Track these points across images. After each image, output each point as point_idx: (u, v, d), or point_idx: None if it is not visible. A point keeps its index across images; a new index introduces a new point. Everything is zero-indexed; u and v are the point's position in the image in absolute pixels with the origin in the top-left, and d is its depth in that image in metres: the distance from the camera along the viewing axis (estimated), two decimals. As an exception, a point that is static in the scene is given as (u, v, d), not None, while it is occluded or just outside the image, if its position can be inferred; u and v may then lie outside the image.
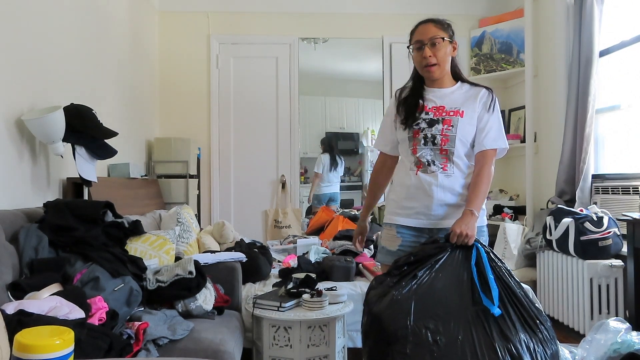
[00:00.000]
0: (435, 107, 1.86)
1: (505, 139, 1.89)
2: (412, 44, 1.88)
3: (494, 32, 4.58)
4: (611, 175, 3.35)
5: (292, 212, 4.76)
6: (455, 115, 1.83)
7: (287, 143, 4.78)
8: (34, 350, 1.06)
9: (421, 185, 1.83)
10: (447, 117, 1.83)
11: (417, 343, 1.49)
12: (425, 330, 1.50)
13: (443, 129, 1.82)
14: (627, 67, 3.30)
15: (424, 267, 1.63)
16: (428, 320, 1.52)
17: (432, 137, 1.83)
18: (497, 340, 1.47)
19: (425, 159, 1.84)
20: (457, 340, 1.48)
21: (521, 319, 1.55)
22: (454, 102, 1.86)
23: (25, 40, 2.28)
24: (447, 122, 1.83)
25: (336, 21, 4.76)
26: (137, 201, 3.33)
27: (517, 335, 1.49)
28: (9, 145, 2.14)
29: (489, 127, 1.84)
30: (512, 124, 4.62)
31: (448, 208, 1.83)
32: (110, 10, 3.38)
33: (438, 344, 1.48)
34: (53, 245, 1.87)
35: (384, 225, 1.97)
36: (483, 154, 1.84)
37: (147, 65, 4.32)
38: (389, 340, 1.54)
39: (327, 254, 3.28)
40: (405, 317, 1.54)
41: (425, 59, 1.84)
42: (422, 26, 1.87)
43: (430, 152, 1.83)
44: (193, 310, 2.07)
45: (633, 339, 1.99)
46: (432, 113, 1.85)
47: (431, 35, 1.83)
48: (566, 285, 3.13)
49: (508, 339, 1.48)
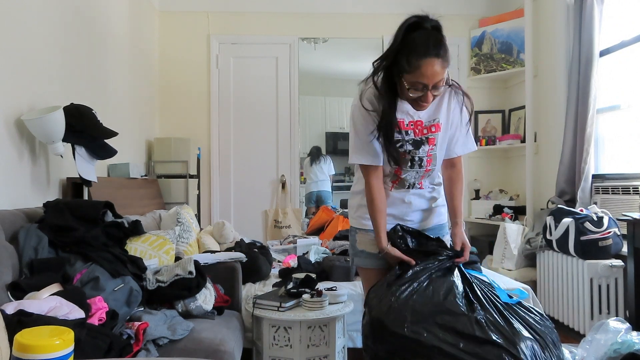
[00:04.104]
0: (413, 122, 1.73)
1: (473, 139, 1.87)
2: (411, 81, 1.58)
3: (494, 32, 4.58)
4: (611, 175, 3.35)
5: (292, 212, 4.76)
6: (436, 131, 1.75)
7: (287, 143, 4.78)
8: (34, 350, 1.06)
9: (396, 196, 1.83)
10: (430, 135, 1.75)
11: (418, 350, 1.48)
12: (427, 335, 1.49)
13: (428, 149, 1.77)
14: (627, 67, 3.30)
15: (423, 274, 1.64)
16: (428, 326, 1.51)
17: (420, 160, 1.77)
18: (500, 345, 1.46)
19: (409, 182, 1.81)
20: (458, 347, 1.47)
21: (522, 322, 1.54)
22: (428, 112, 1.74)
23: (25, 40, 2.28)
24: (431, 142, 1.76)
25: (336, 21, 4.76)
26: (137, 201, 3.33)
27: (520, 339, 1.48)
28: (9, 145, 2.14)
29: (459, 134, 1.82)
30: (512, 124, 4.63)
31: (423, 213, 1.87)
32: (110, 10, 3.38)
33: (441, 350, 1.46)
34: (53, 245, 1.87)
35: (358, 231, 1.87)
36: (455, 160, 1.85)
37: (147, 65, 4.32)
38: (389, 344, 1.54)
39: (327, 254, 3.28)
40: (403, 322, 1.53)
41: (424, 103, 1.64)
42: (429, 65, 1.54)
43: (416, 174, 1.80)
44: (193, 310, 2.07)
45: (633, 339, 1.99)
46: (412, 132, 1.74)
47: (437, 80, 1.58)
48: (566, 285, 3.13)
49: (511, 343, 1.46)
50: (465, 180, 5.11)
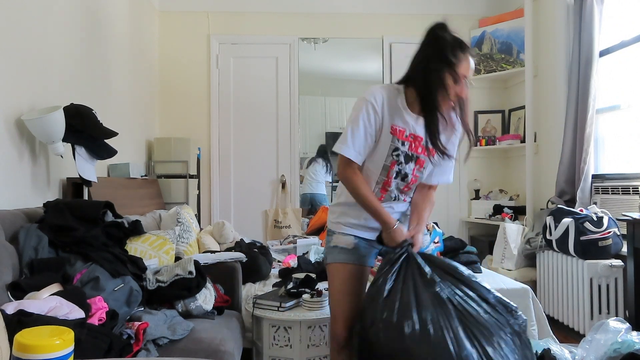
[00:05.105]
0: (413, 135, 1.75)
1: (452, 173, 1.93)
2: (458, 74, 1.66)
3: (494, 32, 4.58)
4: (611, 175, 3.35)
5: (292, 212, 4.76)
6: (429, 156, 1.77)
7: (287, 143, 4.78)
8: (34, 350, 1.06)
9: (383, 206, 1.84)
10: (421, 156, 1.77)
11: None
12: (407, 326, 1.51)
13: (415, 169, 1.79)
14: (627, 67, 3.30)
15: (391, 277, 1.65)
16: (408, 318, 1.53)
17: (404, 175, 1.79)
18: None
19: (393, 195, 1.82)
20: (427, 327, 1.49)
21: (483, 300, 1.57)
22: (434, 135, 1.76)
23: (25, 40, 2.28)
24: (419, 163, 1.78)
25: (336, 21, 4.77)
26: (137, 201, 3.33)
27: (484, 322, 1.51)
28: (9, 145, 2.14)
29: (446, 168, 1.88)
30: (512, 124, 4.63)
31: (401, 216, 1.93)
32: (110, 10, 3.39)
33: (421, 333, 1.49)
34: (53, 245, 1.87)
35: (335, 233, 1.86)
36: (432, 186, 1.91)
37: (147, 65, 4.32)
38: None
39: (327, 254, 3.27)
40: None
41: (463, 94, 1.70)
42: (469, 61, 1.69)
43: (396, 188, 1.81)
44: (193, 310, 2.07)
45: (634, 339, 1.99)
46: (408, 143, 1.75)
47: (470, 74, 1.72)
48: (566, 285, 3.13)
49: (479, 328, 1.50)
50: (465, 180, 5.10)
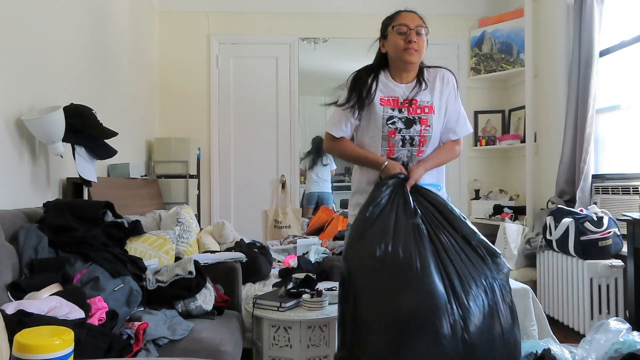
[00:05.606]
0: (408, 100, 1.85)
1: (468, 121, 1.98)
2: (395, 26, 1.86)
3: (494, 32, 4.58)
4: (611, 175, 3.35)
5: (292, 212, 4.76)
6: (429, 112, 1.85)
7: (287, 143, 4.78)
8: (34, 350, 1.06)
9: None
10: (423, 115, 1.84)
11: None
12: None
13: (421, 129, 1.84)
14: (627, 67, 3.30)
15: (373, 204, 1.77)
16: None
17: (411, 139, 1.85)
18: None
19: (402, 160, 1.87)
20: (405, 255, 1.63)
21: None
22: (423, 93, 1.87)
23: (26, 40, 2.28)
24: (424, 122, 1.84)
25: (336, 21, 4.76)
26: (137, 201, 3.33)
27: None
28: (9, 145, 2.14)
29: (457, 115, 1.92)
30: (512, 124, 4.62)
31: None
32: (110, 10, 3.38)
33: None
34: (53, 245, 1.87)
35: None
36: (456, 141, 1.95)
37: (147, 65, 4.32)
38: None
39: (327, 254, 3.28)
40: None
41: (410, 42, 1.82)
42: (408, 14, 1.89)
43: (408, 152, 1.87)
44: (193, 310, 2.07)
45: (635, 338, 1.99)
46: (405, 110, 1.84)
47: (417, 24, 1.85)
48: (566, 286, 3.13)
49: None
50: (465, 180, 5.09)
